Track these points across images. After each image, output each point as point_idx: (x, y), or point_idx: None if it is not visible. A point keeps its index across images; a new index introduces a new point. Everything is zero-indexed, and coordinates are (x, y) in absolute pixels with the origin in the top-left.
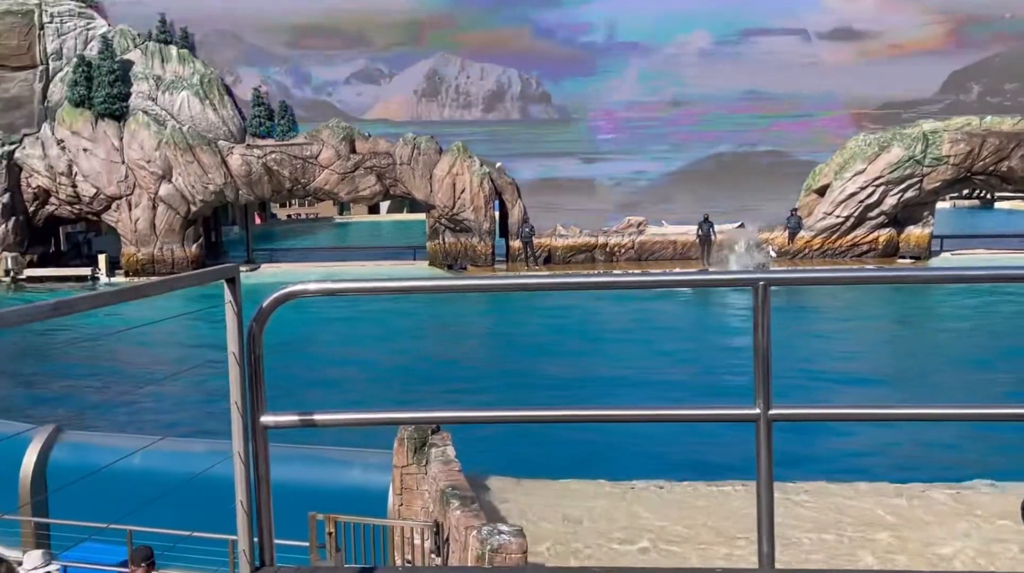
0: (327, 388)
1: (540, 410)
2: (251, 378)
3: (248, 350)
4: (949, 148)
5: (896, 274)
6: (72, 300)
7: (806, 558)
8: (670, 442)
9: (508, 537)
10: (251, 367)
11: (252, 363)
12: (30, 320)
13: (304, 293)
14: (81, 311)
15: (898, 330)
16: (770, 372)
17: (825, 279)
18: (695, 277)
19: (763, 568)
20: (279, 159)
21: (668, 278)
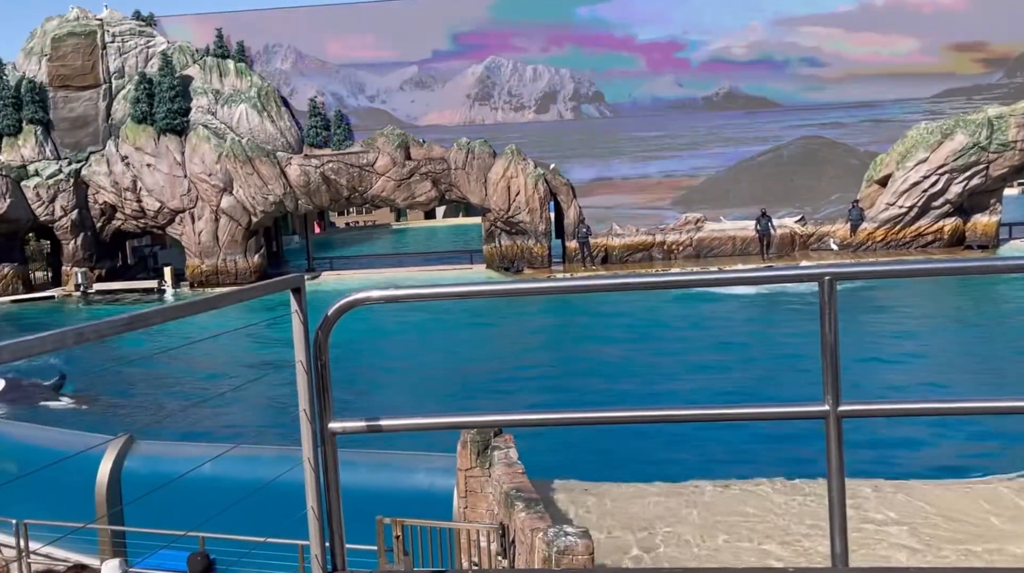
0: (391, 394)
1: (600, 412)
2: (318, 385)
3: (315, 358)
4: (1016, 133)
5: (964, 265)
6: (146, 313)
7: (882, 556)
8: (738, 441)
9: (574, 539)
10: (318, 374)
11: (319, 371)
12: (106, 335)
13: (367, 300)
14: (156, 324)
15: (969, 322)
16: (839, 367)
17: (892, 272)
18: (760, 273)
19: (836, 567)
20: (336, 168)
21: (732, 275)
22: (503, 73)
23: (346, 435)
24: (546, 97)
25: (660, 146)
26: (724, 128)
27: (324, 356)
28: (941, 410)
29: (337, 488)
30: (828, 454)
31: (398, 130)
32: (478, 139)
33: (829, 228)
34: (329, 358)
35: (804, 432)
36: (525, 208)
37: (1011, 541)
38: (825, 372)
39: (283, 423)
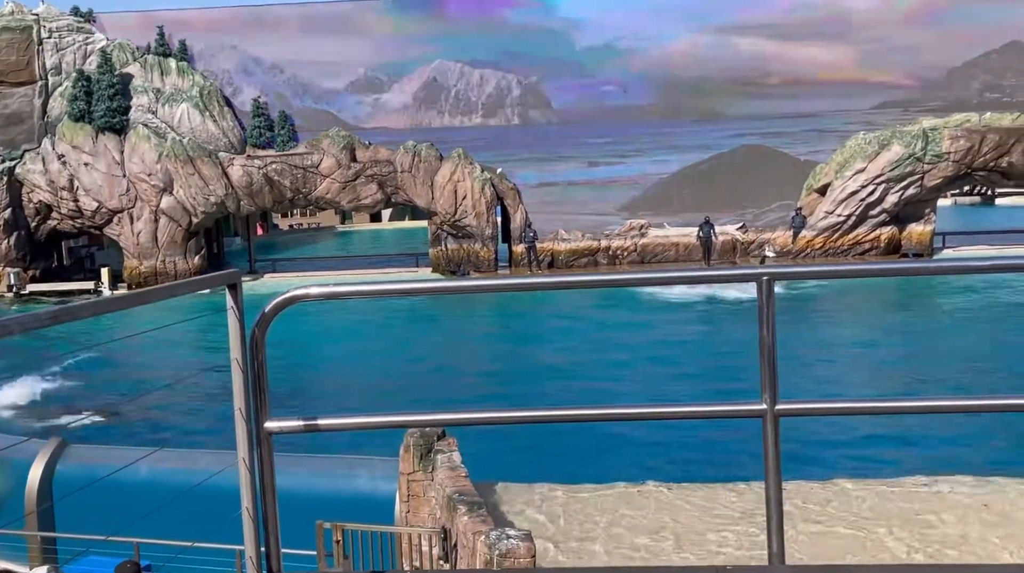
0: (332, 395)
1: (543, 410)
2: (254, 384)
3: (251, 356)
4: (949, 145)
5: (896, 267)
6: (73, 307)
7: (817, 554)
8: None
9: (516, 541)
10: (254, 373)
11: (255, 369)
12: (30, 328)
13: (306, 297)
14: (82, 318)
15: (902, 326)
16: (776, 367)
17: (827, 273)
18: (699, 273)
19: (773, 565)
20: (280, 169)
21: (672, 275)
22: (450, 77)
23: (284, 435)
24: (493, 102)
25: (605, 152)
26: (668, 135)
27: (261, 354)
28: (877, 409)
29: (273, 489)
30: (765, 452)
31: (343, 132)
32: (425, 142)
33: (770, 235)
34: (266, 356)
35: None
36: (472, 212)
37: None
38: (763, 372)
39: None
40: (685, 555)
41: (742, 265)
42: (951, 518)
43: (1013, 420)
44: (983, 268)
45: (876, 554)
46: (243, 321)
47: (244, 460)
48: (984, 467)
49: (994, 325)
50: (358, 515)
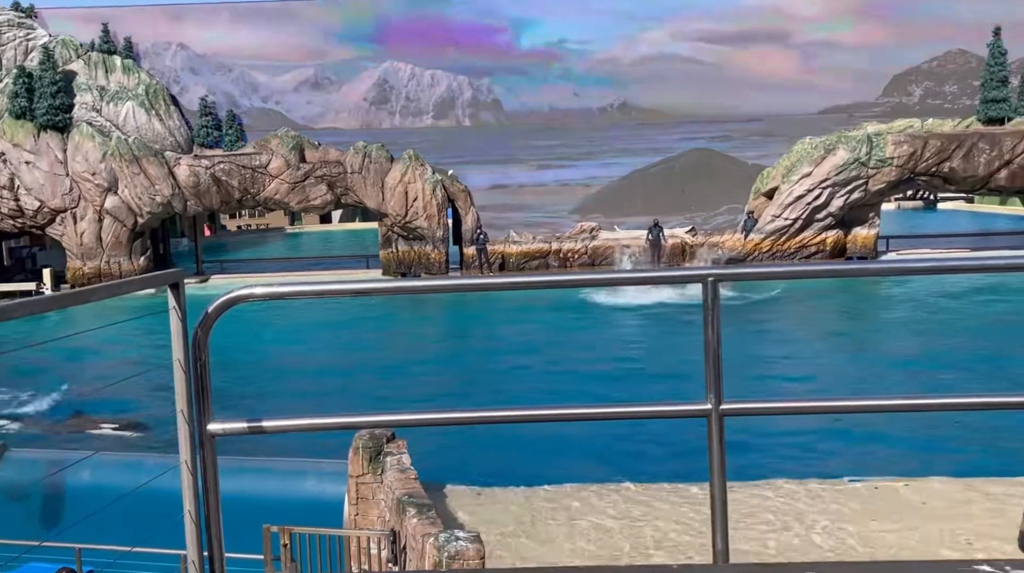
0: (282, 397)
1: (490, 411)
2: (197, 385)
3: (194, 357)
4: (893, 150)
5: (838, 268)
6: (7, 306)
7: (761, 552)
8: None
9: (465, 543)
10: (197, 374)
11: (198, 370)
12: None
13: (250, 297)
14: (18, 317)
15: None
16: (721, 367)
17: (771, 274)
18: (644, 274)
19: (717, 564)
20: (228, 169)
21: (619, 276)
22: (400, 78)
23: (227, 437)
24: (444, 103)
25: (556, 155)
26: (618, 138)
27: (204, 355)
28: (822, 408)
29: (216, 492)
30: (710, 452)
31: (292, 132)
32: (375, 143)
33: (718, 238)
34: (209, 357)
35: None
36: (423, 214)
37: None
38: (708, 371)
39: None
40: (634, 555)
41: (687, 266)
42: (890, 516)
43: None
44: (920, 270)
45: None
46: (185, 322)
47: (186, 462)
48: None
49: (935, 326)
50: (306, 518)
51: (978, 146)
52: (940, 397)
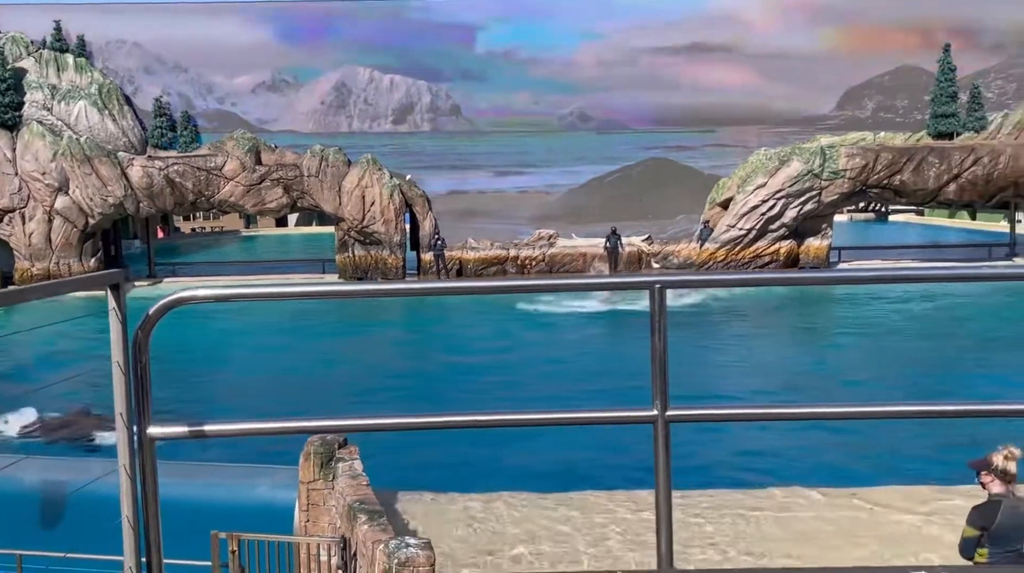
0: (233, 402)
1: (438, 416)
2: (137, 388)
3: (134, 359)
4: (845, 162)
5: (784, 276)
6: None
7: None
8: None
9: (416, 550)
10: (137, 376)
11: (138, 372)
12: None
13: (193, 299)
14: None
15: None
16: (667, 374)
17: (717, 282)
18: (593, 281)
19: (662, 569)
20: (182, 171)
21: (568, 282)
22: (359, 82)
23: (167, 440)
24: (403, 108)
25: (515, 162)
26: (576, 147)
27: (144, 357)
28: (767, 416)
29: (156, 497)
30: (656, 458)
31: (248, 134)
32: (333, 147)
33: (674, 247)
34: (150, 359)
35: None
36: (380, 218)
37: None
38: (654, 378)
39: None
40: (581, 560)
41: (635, 273)
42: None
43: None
44: (866, 279)
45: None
46: (126, 323)
47: (125, 467)
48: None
49: (885, 335)
50: (256, 525)
51: (928, 160)
52: (884, 405)
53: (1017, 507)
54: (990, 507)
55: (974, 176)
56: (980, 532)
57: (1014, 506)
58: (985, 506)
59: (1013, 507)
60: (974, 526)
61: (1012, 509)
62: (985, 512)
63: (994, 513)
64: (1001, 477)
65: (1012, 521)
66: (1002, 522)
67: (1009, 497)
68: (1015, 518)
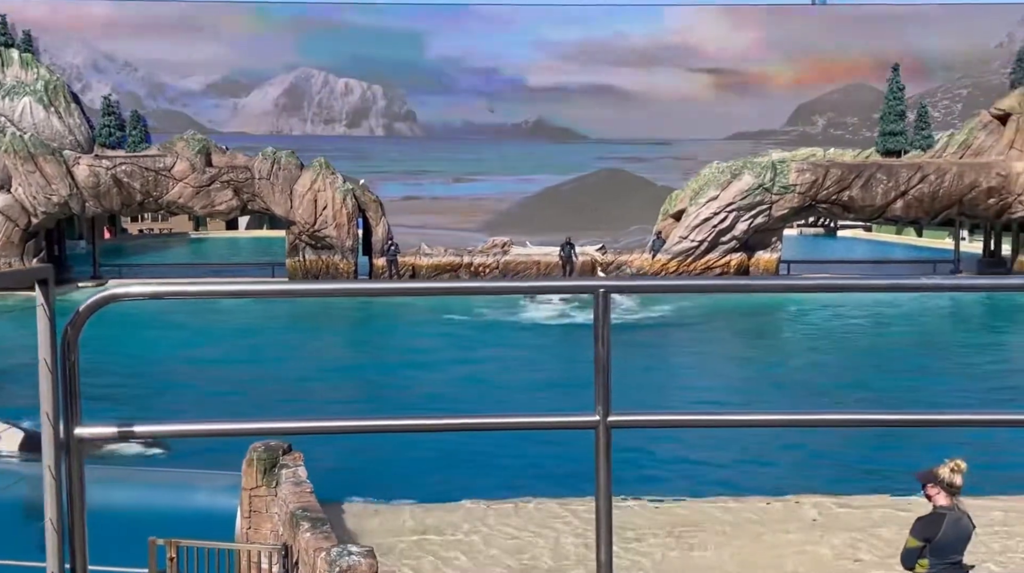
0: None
1: (378, 420)
2: (64, 387)
3: (62, 357)
4: (796, 177)
5: (728, 283)
6: None
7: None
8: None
9: (358, 558)
10: (65, 375)
11: (66, 371)
12: None
13: (126, 296)
14: None
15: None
16: (610, 379)
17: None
18: (538, 283)
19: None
20: (130, 170)
21: (513, 285)
22: (313, 85)
23: (96, 441)
24: (357, 112)
25: (470, 169)
26: (532, 156)
27: (73, 355)
28: (710, 422)
29: (82, 501)
30: (597, 464)
31: (199, 135)
32: (285, 150)
33: (627, 258)
34: (79, 357)
35: None
36: (332, 223)
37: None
38: (597, 383)
39: None
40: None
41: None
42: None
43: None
44: (808, 287)
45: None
46: (54, 319)
47: (50, 468)
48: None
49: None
50: (196, 532)
51: (876, 177)
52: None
53: (960, 519)
54: (935, 519)
55: (920, 193)
56: (923, 543)
57: (958, 518)
58: (930, 518)
59: (957, 519)
60: (918, 537)
61: (955, 521)
62: (930, 524)
63: (938, 525)
64: (947, 490)
65: (955, 533)
66: (946, 534)
67: (954, 510)
68: (958, 530)
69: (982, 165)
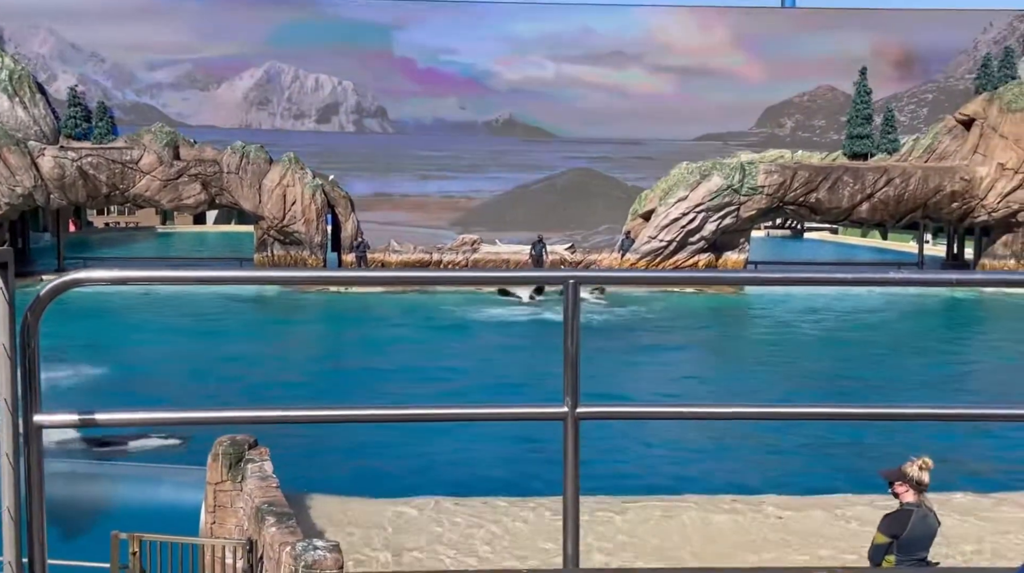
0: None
1: (347, 409)
2: (24, 374)
3: (21, 343)
4: (764, 178)
5: (695, 275)
6: None
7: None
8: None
9: (323, 553)
10: (24, 361)
11: (26, 357)
12: None
13: (88, 281)
14: None
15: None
16: (579, 370)
17: (629, 279)
18: (509, 274)
19: (567, 568)
20: (96, 163)
21: (485, 275)
22: (283, 79)
23: (55, 429)
24: (328, 108)
25: (440, 166)
26: (502, 154)
27: (33, 341)
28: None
29: (41, 490)
30: (565, 455)
31: (167, 128)
32: (254, 144)
33: (596, 257)
34: (39, 343)
35: None
36: (301, 218)
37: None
38: (566, 375)
39: None
40: (487, 561)
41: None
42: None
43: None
44: (773, 280)
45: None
46: (13, 304)
47: (8, 456)
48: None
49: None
50: (160, 526)
51: (843, 179)
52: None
53: (927, 516)
54: (902, 516)
55: (886, 196)
56: (891, 540)
57: (924, 515)
58: (897, 515)
59: (923, 516)
60: (885, 534)
61: (922, 518)
62: (896, 520)
63: (905, 522)
64: (915, 487)
65: (921, 530)
66: (912, 530)
67: (921, 507)
68: (924, 527)
69: (946, 169)
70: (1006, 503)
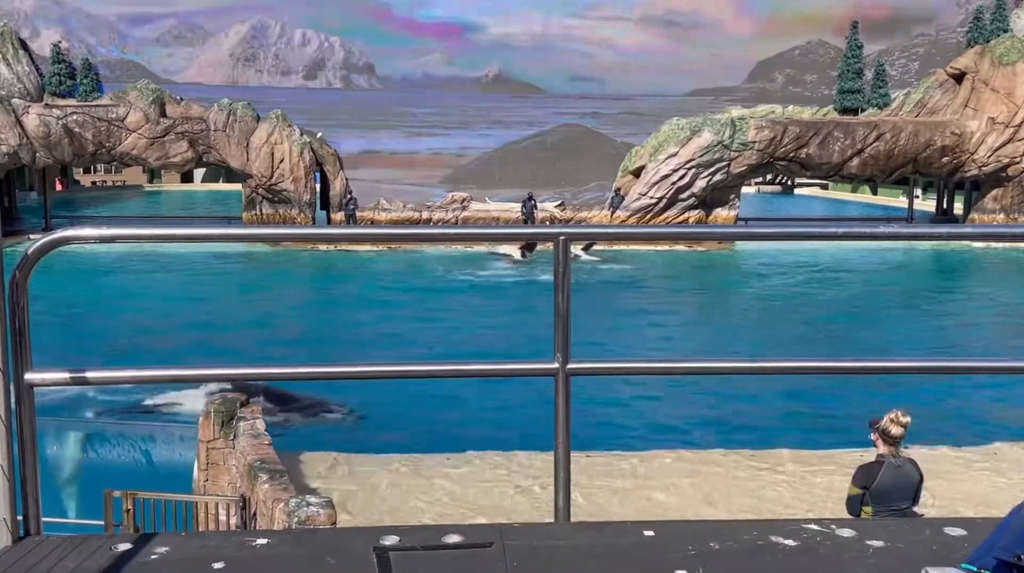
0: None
1: (338, 366)
2: (14, 331)
3: (11, 301)
4: (754, 134)
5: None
6: None
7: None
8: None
9: (316, 508)
10: (14, 319)
11: (16, 315)
12: None
13: (76, 239)
14: None
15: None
16: (569, 326)
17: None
18: (499, 230)
19: (558, 522)
20: (81, 120)
21: (474, 231)
22: (270, 35)
23: (46, 387)
24: (315, 64)
25: (429, 123)
26: (492, 110)
27: (23, 299)
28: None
29: (34, 447)
30: (556, 410)
31: (153, 85)
32: (241, 101)
33: (586, 214)
34: (28, 301)
35: None
36: (289, 176)
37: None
38: (557, 331)
39: None
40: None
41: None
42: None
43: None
44: (762, 235)
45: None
46: (1, 264)
47: (1, 414)
48: None
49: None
50: (154, 484)
51: (833, 134)
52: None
53: (901, 467)
54: (873, 467)
55: (876, 151)
56: (862, 490)
57: (897, 467)
58: (868, 466)
59: (897, 467)
60: (857, 485)
61: (894, 470)
62: (867, 472)
63: (875, 472)
64: (883, 437)
65: (892, 481)
66: (882, 482)
67: (895, 458)
68: (896, 479)
69: (937, 124)
70: (995, 456)
